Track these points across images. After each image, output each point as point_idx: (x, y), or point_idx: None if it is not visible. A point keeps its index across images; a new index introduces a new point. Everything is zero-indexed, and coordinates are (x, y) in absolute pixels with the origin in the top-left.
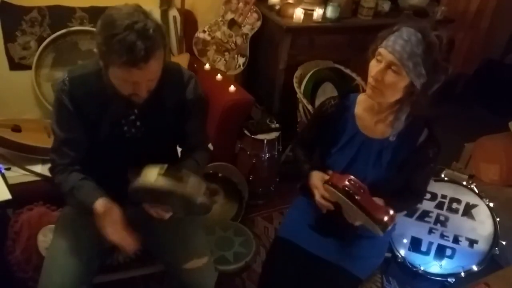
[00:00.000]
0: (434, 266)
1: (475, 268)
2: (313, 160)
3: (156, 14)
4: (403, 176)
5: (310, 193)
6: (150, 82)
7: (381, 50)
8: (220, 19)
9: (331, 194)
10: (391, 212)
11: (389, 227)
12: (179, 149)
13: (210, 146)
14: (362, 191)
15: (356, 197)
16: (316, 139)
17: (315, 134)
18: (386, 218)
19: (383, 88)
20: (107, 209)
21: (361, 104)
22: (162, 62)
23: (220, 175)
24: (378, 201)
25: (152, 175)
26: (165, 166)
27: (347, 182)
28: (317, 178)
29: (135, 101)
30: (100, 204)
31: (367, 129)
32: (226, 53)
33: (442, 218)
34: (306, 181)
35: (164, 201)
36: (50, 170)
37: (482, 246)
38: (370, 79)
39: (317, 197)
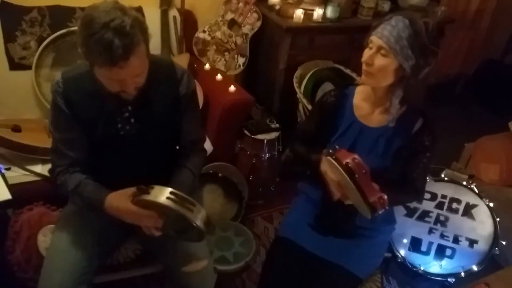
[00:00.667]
0: (434, 266)
1: (475, 268)
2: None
3: (156, 14)
4: (399, 164)
5: (320, 180)
6: (136, 78)
7: (371, 37)
8: (220, 19)
9: (332, 168)
10: (385, 197)
11: (378, 212)
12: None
13: (207, 142)
14: (363, 171)
15: (356, 176)
16: (317, 130)
17: (316, 124)
18: (377, 202)
19: (374, 71)
20: (119, 202)
21: (359, 94)
22: (145, 57)
23: (220, 175)
24: (375, 186)
25: (162, 195)
26: (174, 191)
27: (350, 160)
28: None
29: (125, 98)
30: (110, 199)
31: (364, 118)
32: (226, 53)
33: (442, 218)
34: (315, 169)
35: (163, 216)
36: (50, 171)
37: (482, 246)
38: (362, 65)
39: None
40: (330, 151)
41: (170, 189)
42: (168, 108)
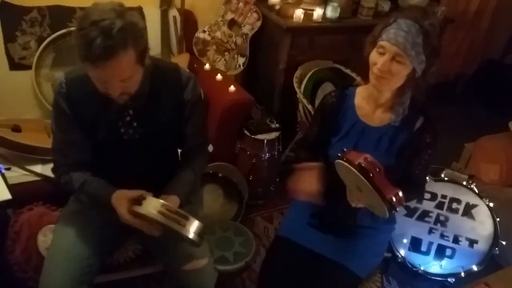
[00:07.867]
0: (434, 266)
1: (475, 268)
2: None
3: (156, 14)
4: (402, 162)
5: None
6: (123, 83)
7: (383, 43)
8: (220, 19)
9: (344, 171)
10: (400, 193)
11: (397, 209)
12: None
13: (210, 146)
14: (377, 169)
15: (370, 175)
16: (319, 132)
17: (318, 126)
18: (395, 199)
19: (389, 77)
20: (118, 204)
21: (360, 94)
22: (132, 63)
23: (220, 175)
24: (390, 183)
25: (153, 208)
26: (166, 204)
27: (362, 160)
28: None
29: (116, 101)
30: (115, 196)
31: (366, 117)
32: (226, 53)
33: (442, 218)
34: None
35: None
36: (54, 170)
37: (482, 246)
38: (375, 70)
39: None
40: (339, 154)
41: (161, 202)
42: (172, 113)
